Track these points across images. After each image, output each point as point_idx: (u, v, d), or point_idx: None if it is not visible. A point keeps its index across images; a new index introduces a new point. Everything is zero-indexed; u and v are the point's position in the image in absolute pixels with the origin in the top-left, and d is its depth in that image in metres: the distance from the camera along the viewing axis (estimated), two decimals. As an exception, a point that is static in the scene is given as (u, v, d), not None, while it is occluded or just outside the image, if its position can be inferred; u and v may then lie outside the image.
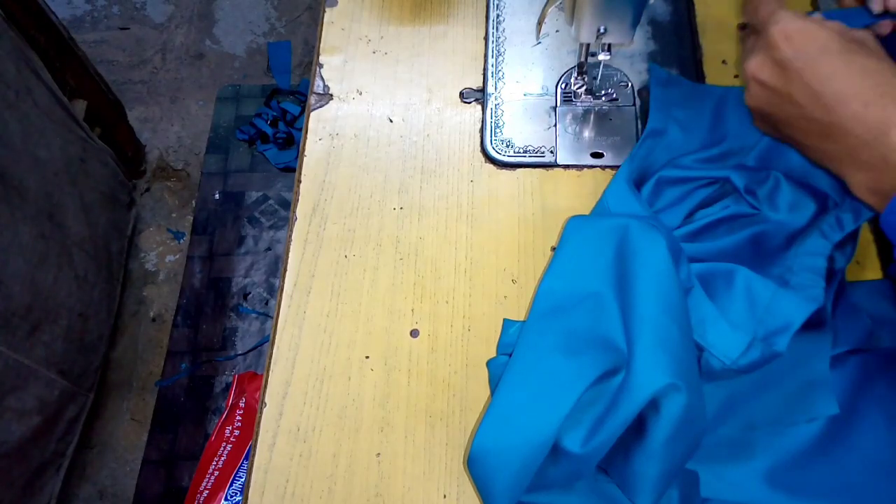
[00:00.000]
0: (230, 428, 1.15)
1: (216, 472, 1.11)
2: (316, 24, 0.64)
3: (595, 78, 0.58)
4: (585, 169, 0.56)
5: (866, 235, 0.52)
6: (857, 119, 0.36)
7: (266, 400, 0.48)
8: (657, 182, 0.51)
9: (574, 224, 0.49)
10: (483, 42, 0.62)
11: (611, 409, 0.40)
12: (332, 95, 0.60)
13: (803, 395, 0.44)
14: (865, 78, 0.36)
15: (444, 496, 0.45)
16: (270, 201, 1.42)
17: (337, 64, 0.61)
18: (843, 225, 0.47)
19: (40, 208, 1.00)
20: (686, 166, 0.52)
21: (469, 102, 0.59)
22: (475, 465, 0.42)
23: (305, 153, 0.57)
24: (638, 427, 0.40)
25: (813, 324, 0.45)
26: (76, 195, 1.11)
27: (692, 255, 0.48)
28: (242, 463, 1.09)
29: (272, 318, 0.52)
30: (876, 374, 0.45)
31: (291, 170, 1.43)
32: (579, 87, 0.58)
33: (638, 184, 0.52)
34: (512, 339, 0.48)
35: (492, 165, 0.56)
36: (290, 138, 1.46)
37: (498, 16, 0.62)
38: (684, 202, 0.51)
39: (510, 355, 0.46)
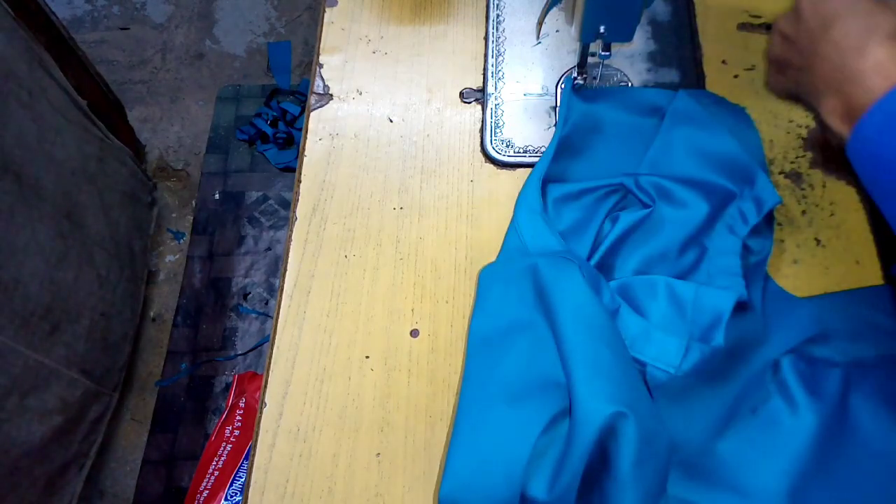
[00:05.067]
0: (230, 428, 1.15)
1: (216, 472, 1.11)
2: (316, 23, 0.64)
3: (595, 78, 0.58)
4: (585, 169, 0.55)
5: (867, 235, 0.52)
6: (835, 46, 0.38)
7: (266, 400, 0.48)
8: (553, 204, 0.51)
9: (487, 272, 0.50)
10: (483, 42, 0.62)
11: (567, 449, 0.39)
12: (332, 95, 0.60)
13: (752, 377, 0.44)
14: (858, 17, 0.38)
15: (444, 496, 0.45)
16: (270, 201, 1.42)
17: (337, 64, 0.61)
18: (747, 217, 0.48)
19: (58, 207, 1.00)
20: (577, 178, 0.52)
21: (469, 102, 0.59)
22: None
23: (305, 153, 0.57)
24: (602, 459, 0.40)
25: (744, 317, 0.45)
26: (95, 194, 1.11)
27: (617, 274, 0.48)
28: (242, 463, 1.09)
29: (272, 318, 0.52)
30: (865, 384, 0.44)
31: (291, 170, 1.43)
32: (579, 88, 0.58)
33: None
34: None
35: (492, 165, 0.56)
36: (290, 138, 1.45)
37: (498, 16, 0.62)
38: (590, 223, 0.51)
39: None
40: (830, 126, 0.39)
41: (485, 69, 0.60)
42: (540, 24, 0.55)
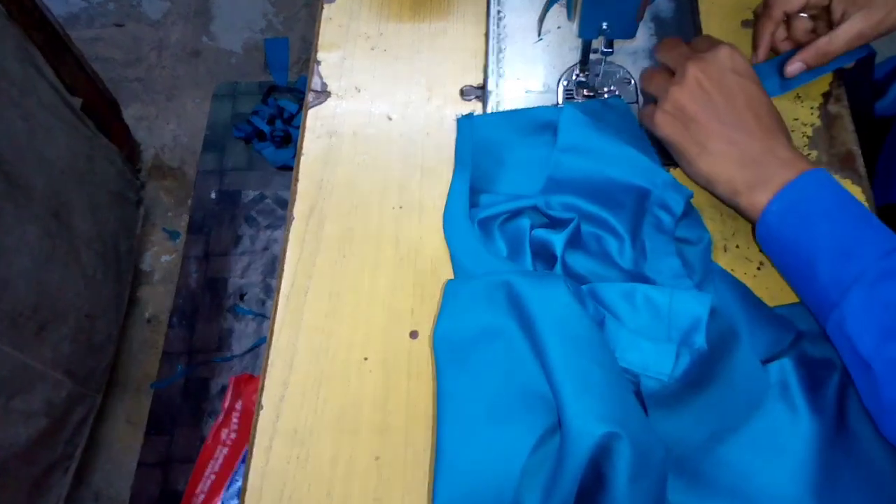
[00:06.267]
0: (226, 431, 1.14)
1: (212, 476, 1.10)
2: (314, 20, 0.63)
3: (597, 75, 0.57)
4: (588, 168, 0.55)
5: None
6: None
7: (263, 402, 0.47)
8: (481, 226, 0.51)
9: (453, 283, 0.48)
10: (484, 39, 0.61)
11: (558, 469, 0.39)
12: (330, 93, 0.59)
13: (739, 377, 0.44)
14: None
15: (445, 501, 0.44)
16: (267, 200, 1.41)
17: (335, 61, 0.60)
18: (671, 206, 0.47)
19: (47, 207, 0.99)
20: (490, 203, 0.51)
21: (470, 100, 0.58)
22: None
23: (303, 151, 0.56)
24: (596, 477, 0.39)
25: (714, 317, 0.44)
26: (83, 194, 1.10)
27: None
28: (239, 466, 1.09)
29: (269, 319, 0.51)
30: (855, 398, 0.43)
31: (289, 168, 1.42)
32: (581, 85, 0.57)
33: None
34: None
35: (493, 164, 0.55)
36: (288, 136, 1.45)
37: (499, 12, 0.62)
38: (521, 246, 0.50)
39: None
40: (741, 207, 0.46)
41: (485, 66, 0.59)
42: (541, 20, 0.54)
